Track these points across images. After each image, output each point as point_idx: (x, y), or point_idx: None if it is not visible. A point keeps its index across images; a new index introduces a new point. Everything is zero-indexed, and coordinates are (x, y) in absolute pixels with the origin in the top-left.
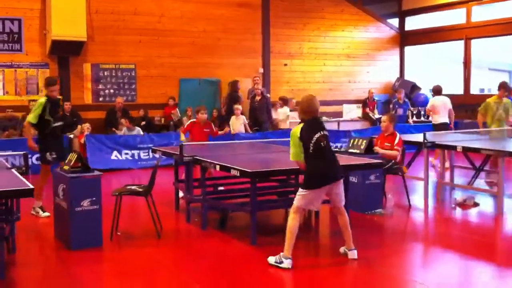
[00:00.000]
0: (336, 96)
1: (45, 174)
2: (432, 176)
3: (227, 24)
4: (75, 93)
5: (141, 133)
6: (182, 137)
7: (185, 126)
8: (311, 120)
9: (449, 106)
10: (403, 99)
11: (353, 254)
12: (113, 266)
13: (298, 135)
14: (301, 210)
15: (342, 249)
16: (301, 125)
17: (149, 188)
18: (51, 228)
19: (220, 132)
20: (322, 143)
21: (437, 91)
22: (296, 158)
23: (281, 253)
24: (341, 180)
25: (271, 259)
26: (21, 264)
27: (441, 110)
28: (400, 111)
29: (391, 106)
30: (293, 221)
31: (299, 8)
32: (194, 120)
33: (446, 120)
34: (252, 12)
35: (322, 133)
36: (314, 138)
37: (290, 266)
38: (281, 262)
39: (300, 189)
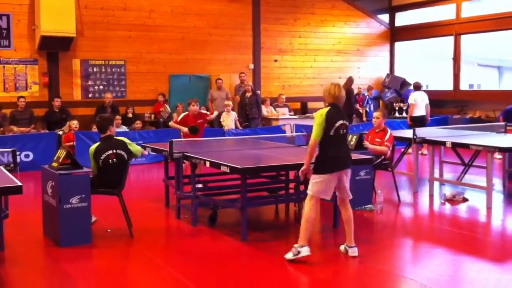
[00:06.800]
0: None
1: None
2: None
3: (218, 20)
4: (64, 89)
5: (127, 130)
6: (184, 129)
7: (179, 119)
8: (337, 105)
9: (427, 101)
10: (372, 95)
11: (354, 251)
12: (103, 263)
13: (325, 115)
14: (316, 199)
15: (342, 247)
16: (328, 108)
17: (120, 187)
18: (40, 225)
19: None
20: (342, 131)
21: (417, 87)
22: (318, 137)
23: (295, 245)
24: (350, 172)
25: (289, 255)
26: (9, 262)
27: (420, 104)
28: (372, 107)
29: (365, 101)
30: (309, 210)
31: (290, 4)
32: (187, 113)
33: (424, 113)
34: (242, 7)
35: (343, 121)
36: (338, 123)
37: (309, 252)
38: (299, 253)
39: (313, 176)
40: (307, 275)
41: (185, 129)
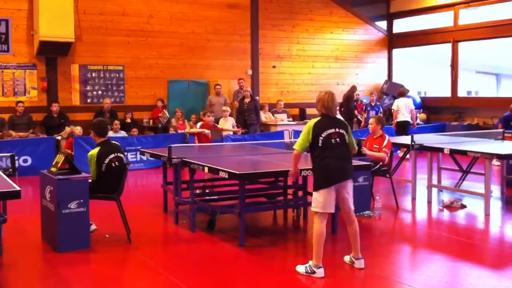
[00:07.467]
0: None
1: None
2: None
3: (216, 26)
4: (62, 94)
5: (125, 135)
6: (206, 130)
7: (198, 127)
8: (326, 116)
9: (412, 107)
10: (375, 101)
11: (360, 263)
12: (100, 268)
13: (311, 127)
14: (321, 214)
15: (347, 258)
16: (318, 118)
17: (119, 192)
18: (38, 230)
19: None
20: (333, 140)
21: (401, 93)
22: (299, 147)
23: (310, 262)
24: (351, 183)
25: (301, 268)
26: (7, 267)
27: (403, 110)
28: (372, 113)
29: (363, 108)
30: (317, 226)
31: (288, 10)
32: (203, 123)
33: (408, 119)
34: (241, 13)
35: (336, 130)
36: (326, 132)
37: (322, 275)
38: (313, 272)
39: (313, 193)
40: (305, 281)
41: (207, 131)
